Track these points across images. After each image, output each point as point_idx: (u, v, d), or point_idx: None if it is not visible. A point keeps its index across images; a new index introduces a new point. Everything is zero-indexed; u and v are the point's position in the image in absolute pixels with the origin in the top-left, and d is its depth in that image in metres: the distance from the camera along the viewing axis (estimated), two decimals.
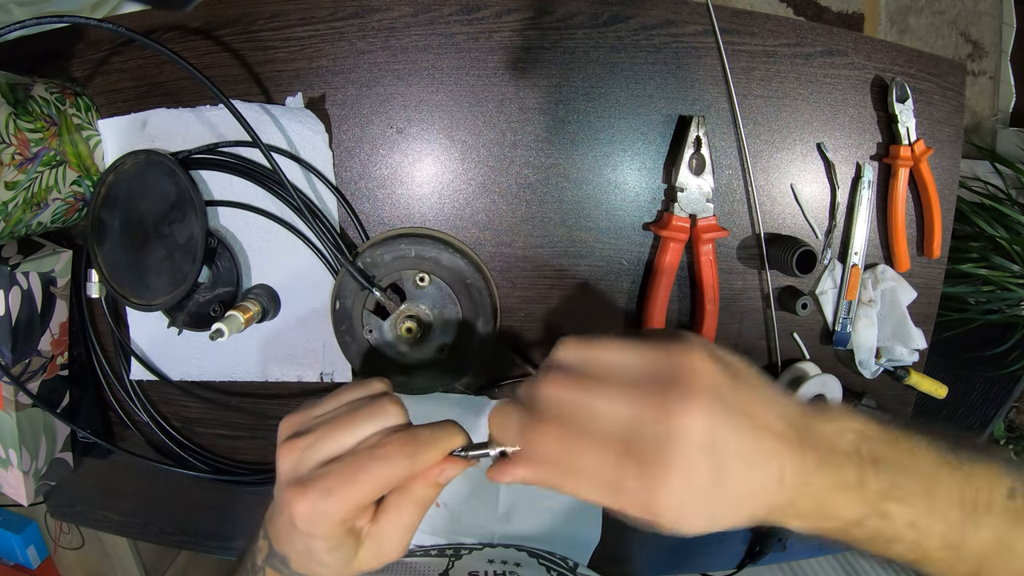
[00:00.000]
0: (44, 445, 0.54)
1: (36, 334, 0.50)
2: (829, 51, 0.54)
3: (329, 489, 0.28)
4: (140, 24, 0.49)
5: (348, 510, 0.29)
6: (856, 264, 0.57)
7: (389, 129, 0.50)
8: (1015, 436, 1.19)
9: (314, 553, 0.31)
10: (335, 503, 0.28)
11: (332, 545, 0.30)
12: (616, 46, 0.51)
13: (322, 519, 0.29)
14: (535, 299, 0.54)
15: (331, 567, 0.31)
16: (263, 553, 0.34)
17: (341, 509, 0.28)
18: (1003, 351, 1.10)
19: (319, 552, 0.30)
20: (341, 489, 0.28)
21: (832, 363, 0.61)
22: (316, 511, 0.28)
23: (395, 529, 0.31)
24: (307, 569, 0.32)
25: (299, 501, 0.29)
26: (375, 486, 0.29)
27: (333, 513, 0.29)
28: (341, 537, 0.30)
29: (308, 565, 0.32)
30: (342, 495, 0.28)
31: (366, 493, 0.29)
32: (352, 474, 0.29)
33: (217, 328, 0.45)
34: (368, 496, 0.29)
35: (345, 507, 0.28)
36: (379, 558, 0.32)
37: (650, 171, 0.53)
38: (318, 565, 0.31)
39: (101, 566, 1.18)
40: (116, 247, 0.48)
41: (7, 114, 0.41)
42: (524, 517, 0.58)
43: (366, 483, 0.29)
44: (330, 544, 0.30)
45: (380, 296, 0.48)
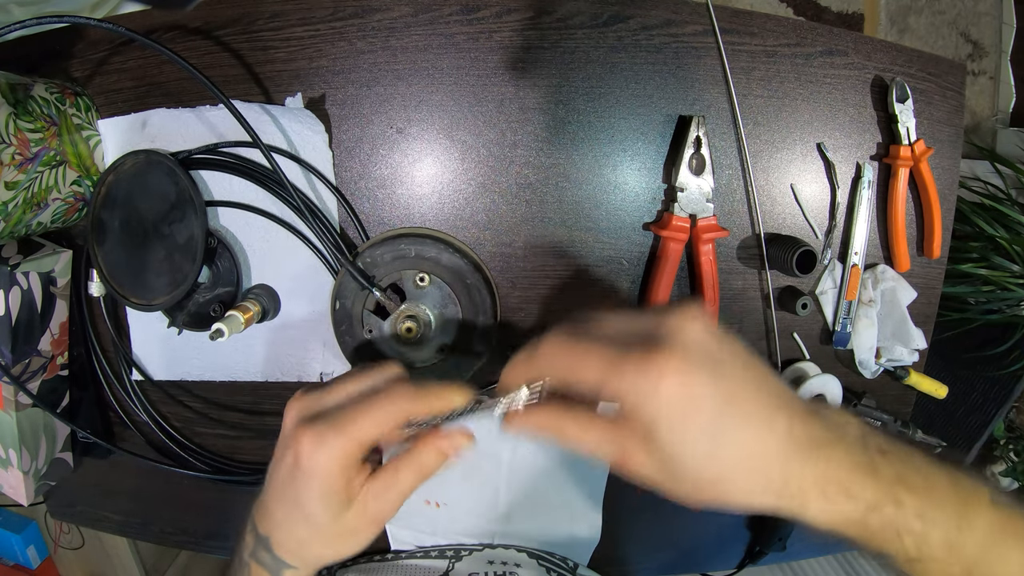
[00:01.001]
0: (44, 445, 0.54)
1: (36, 334, 0.50)
2: (829, 51, 0.54)
3: (336, 422, 0.30)
4: (140, 24, 0.49)
5: (352, 445, 0.30)
6: (856, 264, 0.57)
7: (389, 129, 0.50)
8: (1015, 436, 1.19)
9: (303, 502, 0.31)
10: (341, 436, 0.30)
11: (325, 490, 0.31)
12: (616, 46, 0.51)
13: (326, 451, 0.30)
14: (535, 299, 0.54)
15: (317, 521, 0.32)
16: (248, 548, 0.35)
17: (345, 443, 0.30)
18: (1003, 351, 1.10)
19: (310, 499, 0.31)
20: (347, 423, 0.30)
21: (832, 363, 0.61)
22: (322, 442, 0.30)
23: (389, 491, 0.32)
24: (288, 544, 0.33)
25: (306, 433, 0.30)
26: (381, 422, 0.30)
27: (337, 446, 0.30)
28: (336, 483, 0.31)
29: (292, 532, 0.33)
30: (348, 429, 0.30)
31: (371, 428, 0.30)
32: (358, 411, 0.30)
33: (217, 328, 0.45)
34: (373, 432, 0.30)
35: (349, 441, 0.30)
36: (365, 517, 0.32)
37: (650, 171, 0.53)
38: (303, 521, 0.32)
39: (101, 566, 1.18)
40: (116, 247, 0.48)
41: (7, 114, 0.41)
42: (524, 517, 0.59)
43: (372, 419, 0.30)
44: (324, 488, 0.31)
45: (380, 296, 0.48)
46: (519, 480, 0.58)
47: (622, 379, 0.27)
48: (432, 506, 0.58)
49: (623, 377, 0.27)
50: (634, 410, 0.27)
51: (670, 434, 0.27)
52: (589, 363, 0.28)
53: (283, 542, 0.33)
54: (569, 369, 0.29)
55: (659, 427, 0.27)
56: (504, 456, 0.57)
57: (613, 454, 0.28)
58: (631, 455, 0.28)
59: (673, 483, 0.28)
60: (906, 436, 0.61)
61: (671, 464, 0.27)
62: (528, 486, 0.58)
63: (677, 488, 0.28)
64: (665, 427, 0.27)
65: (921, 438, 0.62)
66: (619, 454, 0.28)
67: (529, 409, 0.31)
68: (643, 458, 0.28)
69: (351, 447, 0.30)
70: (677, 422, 0.26)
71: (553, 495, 0.58)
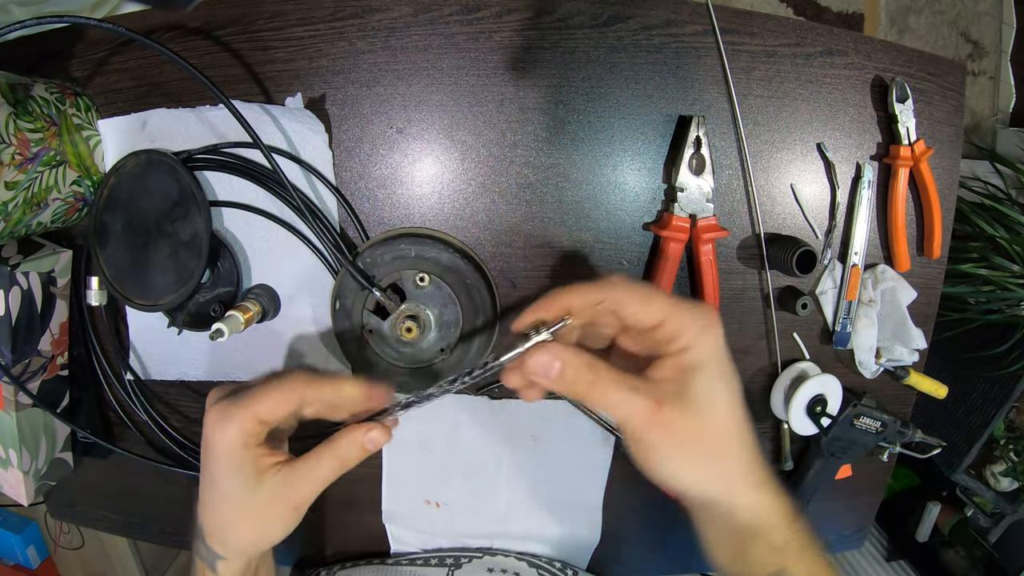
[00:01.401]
0: (44, 445, 0.54)
1: (36, 334, 0.50)
2: (829, 51, 0.54)
3: (237, 399, 0.32)
4: (140, 24, 0.49)
5: (251, 421, 0.32)
6: (856, 264, 0.57)
7: (389, 129, 0.50)
8: (1015, 436, 1.18)
9: (216, 480, 0.33)
10: (240, 409, 0.32)
11: (232, 466, 0.32)
12: (616, 46, 0.51)
13: (228, 426, 0.32)
14: (535, 299, 0.54)
15: (232, 499, 0.33)
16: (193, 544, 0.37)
17: (244, 415, 0.32)
18: (1003, 351, 1.10)
19: (221, 476, 0.33)
20: (246, 400, 0.32)
21: (832, 363, 0.61)
22: (224, 416, 0.32)
23: (307, 477, 0.33)
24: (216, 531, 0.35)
25: (212, 410, 0.33)
26: (278, 399, 0.32)
27: (236, 420, 0.32)
28: (241, 459, 0.32)
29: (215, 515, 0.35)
30: (247, 403, 0.32)
31: (269, 405, 0.32)
32: (257, 389, 0.32)
33: (217, 328, 0.45)
34: (269, 408, 0.32)
35: (248, 414, 0.32)
36: (282, 501, 0.33)
37: (650, 171, 0.53)
38: (221, 501, 0.34)
39: (101, 566, 1.18)
40: (119, 249, 0.48)
41: (7, 114, 0.41)
42: (524, 518, 0.59)
43: (270, 397, 0.32)
44: (230, 464, 0.32)
45: (380, 296, 0.48)
46: (519, 481, 0.58)
47: (690, 316, 0.30)
48: (432, 506, 0.58)
49: (690, 315, 0.30)
50: (689, 347, 0.30)
51: (713, 374, 0.30)
52: (657, 298, 0.30)
53: (211, 530, 0.35)
54: (640, 297, 0.31)
55: (706, 366, 0.30)
56: (504, 456, 0.57)
57: (644, 404, 0.29)
58: (665, 401, 0.29)
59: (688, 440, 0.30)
60: (905, 436, 0.61)
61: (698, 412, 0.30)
62: (528, 487, 0.58)
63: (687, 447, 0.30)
64: (712, 366, 0.30)
65: (921, 438, 0.62)
66: (651, 405, 0.29)
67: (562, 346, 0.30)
68: (675, 405, 0.29)
69: (250, 424, 0.32)
70: (720, 365, 0.30)
71: (553, 496, 0.58)
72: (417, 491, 0.57)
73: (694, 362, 0.30)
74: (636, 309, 0.31)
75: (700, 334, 0.30)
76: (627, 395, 0.29)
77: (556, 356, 0.30)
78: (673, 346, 0.30)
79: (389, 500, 0.57)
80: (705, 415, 0.30)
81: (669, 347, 0.31)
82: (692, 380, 0.30)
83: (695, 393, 0.30)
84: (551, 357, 0.30)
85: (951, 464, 1.21)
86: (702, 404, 0.30)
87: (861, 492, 0.68)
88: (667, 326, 0.30)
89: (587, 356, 0.30)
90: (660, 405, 0.29)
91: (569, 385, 0.30)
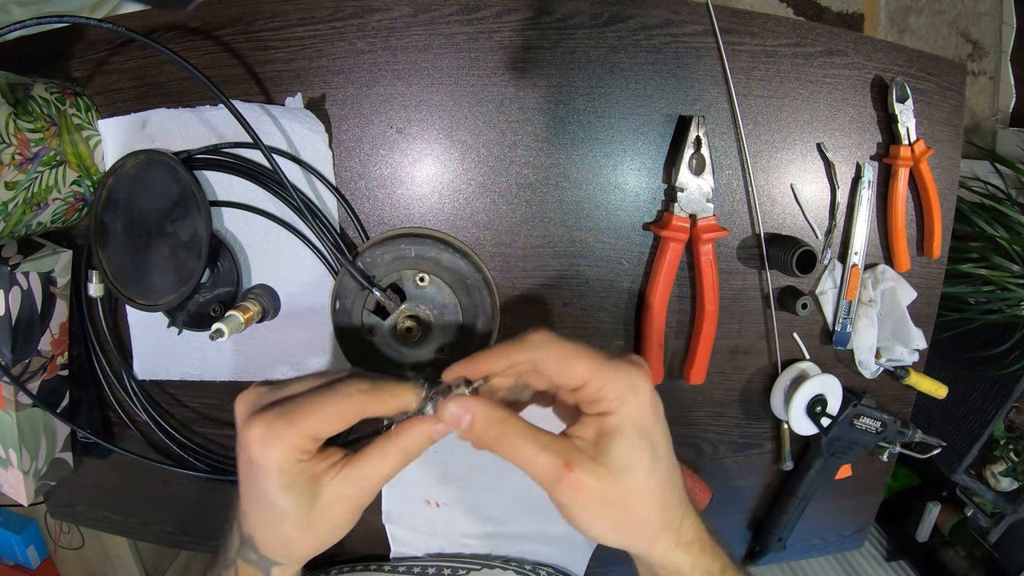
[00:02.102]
0: (44, 445, 0.54)
1: (36, 334, 0.50)
2: (829, 51, 0.54)
3: (284, 413, 0.29)
4: (140, 24, 0.49)
5: (301, 436, 0.29)
6: (856, 264, 0.57)
7: (389, 129, 0.50)
8: (1015, 436, 1.18)
9: (272, 500, 0.30)
10: (289, 427, 0.29)
11: (286, 482, 0.30)
12: (616, 46, 0.51)
13: (276, 442, 0.29)
14: (535, 299, 0.54)
15: (294, 517, 0.31)
16: (234, 546, 0.35)
17: (294, 433, 0.29)
18: (1003, 351, 1.10)
19: (277, 496, 0.30)
20: (296, 415, 0.29)
21: (832, 363, 0.61)
22: (270, 433, 0.29)
23: (372, 475, 0.31)
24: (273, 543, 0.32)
25: (254, 425, 0.29)
26: (330, 416, 0.29)
27: (286, 436, 0.29)
28: (295, 474, 0.30)
29: (275, 531, 0.32)
30: (297, 420, 0.29)
31: (320, 422, 0.29)
32: (309, 403, 0.29)
33: (217, 328, 0.45)
34: (322, 426, 0.29)
35: (298, 432, 0.29)
36: (343, 501, 0.31)
37: (650, 171, 0.53)
38: (281, 519, 0.31)
39: (101, 566, 1.18)
40: (120, 249, 0.48)
41: (7, 114, 0.41)
42: (524, 518, 0.58)
43: (322, 412, 0.29)
44: (283, 480, 0.30)
45: (380, 296, 0.48)
46: (520, 481, 0.58)
47: (613, 379, 0.29)
48: (432, 506, 0.58)
49: (614, 378, 0.30)
50: (609, 412, 0.30)
51: (632, 440, 0.29)
52: (579, 359, 0.30)
53: (267, 542, 0.33)
54: (560, 359, 0.30)
55: (624, 432, 0.29)
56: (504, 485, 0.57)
57: (553, 464, 0.29)
58: (576, 463, 0.29)
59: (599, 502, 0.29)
60: (905, 436, 0.61)
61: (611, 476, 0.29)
62: (528, 487, 0.58)
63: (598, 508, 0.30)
64: (631, 432, 0.29)
65: (921, 438, 0.62)
66: (561, 463, 0.29)
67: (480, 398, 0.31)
68: (586, 468, 0.29)
69: (301, 441, 0.29)
70: (640, 431, 0.30)
71: None
72: (417, 491, 0.57)
73: (614, 427, 0.30)
74: (557, 371, 0.30)
75: (621, 399, 0.30)
76: (536, 452, 0.29)
77: (467, 409, 0.30)
78: (594, 408, 0.30)
79: (389, 500, 0.57)
80: (618, 480, 0.29)
81: (591, 408, 0.31)
82: (610, 444, 0.29)
83: (611, 457, 0.29)
84: (462, 410, 0.30)
85: (951, 464, 1.21)
86: (616, 469, 0.29)
87: (861, 492, 0.68)
88: (589, 388, 0.30)
89: (499, 412, 0.30)
90: (569, 466, 0.29)
91: (478, 438, 0.30)
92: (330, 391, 0.30)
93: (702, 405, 0.60)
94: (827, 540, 0.70)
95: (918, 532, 1.30)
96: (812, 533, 0.69)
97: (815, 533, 0.69)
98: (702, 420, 0.60)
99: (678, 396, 0.59)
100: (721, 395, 0.60)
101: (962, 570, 1.26)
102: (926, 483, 1.38)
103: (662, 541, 0.32)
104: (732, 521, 0.66)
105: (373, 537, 0.59)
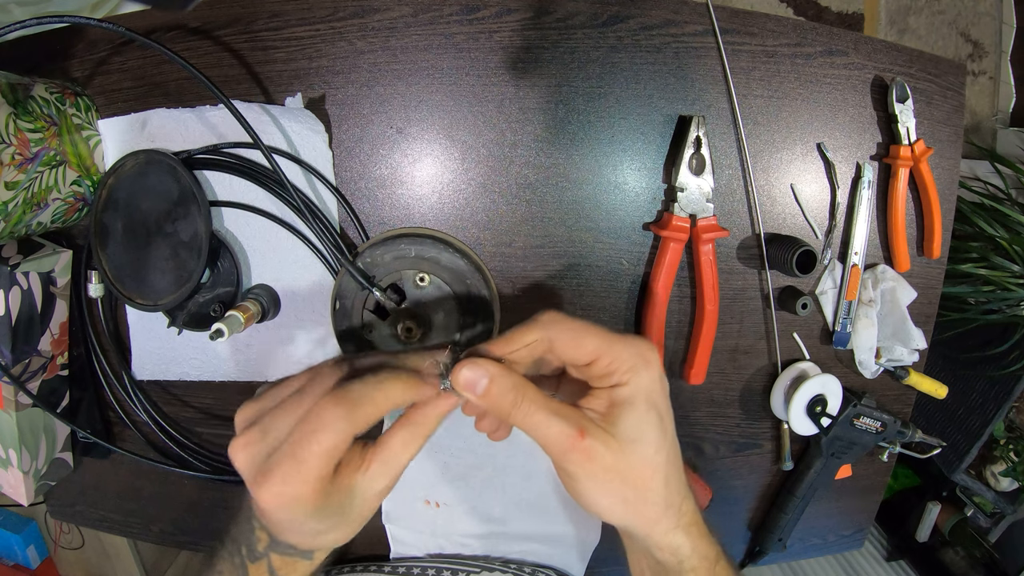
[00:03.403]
0: (44, 445, 0.54)
1: (36, 334, 0.50)
2: (829, 51, 0.54)
3: (283, 476, 0.28)
4: (140, 24, 0.49)
5: (311, 485, 0.28)
6: (856, 264, 0.57)
7: (389, 129, 0.50)
8: (1015, 436, 1.18)
9: (307, 526, 0.30)
10: (296, 486, 0.28)
11: (315, 512, 0.29)
12: (616, 46, 0.51)
13: (292, 503, 0.29)
14: (535, 299, 0.54)
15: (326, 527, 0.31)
16: (263, 543, 0.34)
17: (304, 489, 0.28)
18: (1003, 351, 1.10)
19: (310, 524, 0.30)
20: (294, 472, 0.28)
21: (832, 363, 0.61)
22: (283, 501, 0.28)
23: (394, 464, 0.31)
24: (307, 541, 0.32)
25: (263, 495, 0.29)
26: (323, 457, 0.28)
27: (298, 494, 0.28)
28: (320, 503, 0.29)
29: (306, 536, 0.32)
30: (297, 477, 0.28)
31: (318, 466, 0.28)
32: (296, 454, 0.28)
33: (217, 328, 0.45)
34: (322, 466, 0.28)
35: (307, 485, 0.28)
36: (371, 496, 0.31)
37: (650, 171, 0.53)
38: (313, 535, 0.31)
39: (101, 566, 1.18)
40: (120, 250, 0.48)
41: (7, 114, 0.41)
42: (524, 518, 0.59)
43: (313, 458, 0.28)
44: (314, 513, 0.29)
45: (380, 296, 0.48)
46: (519, 480, 0.58)
47: (624, 353, 0.30)
48: (432, 506, 0.58)
49: (625, 351, 0.30)
50: (620, 384, 0.30)
51: (641, 412, 0.30)
52: (590, 334, 0.30)
53: (300, 543, 0.33)
54: (572, 336, 0.30)
55: (635, 403, 0.30)
56: (504, 456, 0.57)
57: (567, 431, 0.29)
58: (589, 431, 0.29)
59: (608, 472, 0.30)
60: (905, 436, 0.61)
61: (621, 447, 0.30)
62: (528, 486, 0.58)
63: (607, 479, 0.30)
64: (642, 403, 0.30)
65: (921, 438, 0.62)
66: (573, 432, 0.29)
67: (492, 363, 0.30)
68: (599, 436, 0.29)
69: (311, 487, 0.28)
70: (650, 403, 0.30)
71: (553, 495, 0.58)
72: (417, 491, 0.57)
73: (624, 398, 0.30)
74: (570, 348, 0.31)
75: (633, 371, 0.30)
76: (550, 419, 0.29)
77: (484, 372, 0.29)
78: (606, 382, 0.31)
79: (389, 500, 0.57)
80: (627, 452, 0.30)
81: (602, 382, 0.31)
82: (620, 415, 0.30)
83: (621, 428, 0.30)
84: (479, 373, 0.29)
85: (951, 464, 1.21)
86: (626, 440, 0.30)
87: (861, 492, 0.68)
88: (600, 363, 0.30)
89: (515, 377, 0.30)
90: (583, 434, 0.29)
91: (494, 402, 0.29)
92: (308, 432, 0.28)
93: (702, 405, 0.60)
94: (827, 540, 0.70)
95: (918, 532, 1.30)
96: (812, 533, 0.69)
97: (815, 533, 0.69)
98: (702, 420, 0.60)
99: (678, 396, 0.59)
100: (721, 395, 0.60)
101: (962, 570, 1.26)
102: (926, 483, 1.38)
103: (664, 520, 0.32)
104: (732, 521, 0.66)
105: (373, 537, 0.59)
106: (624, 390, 0.30)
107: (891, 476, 0.70)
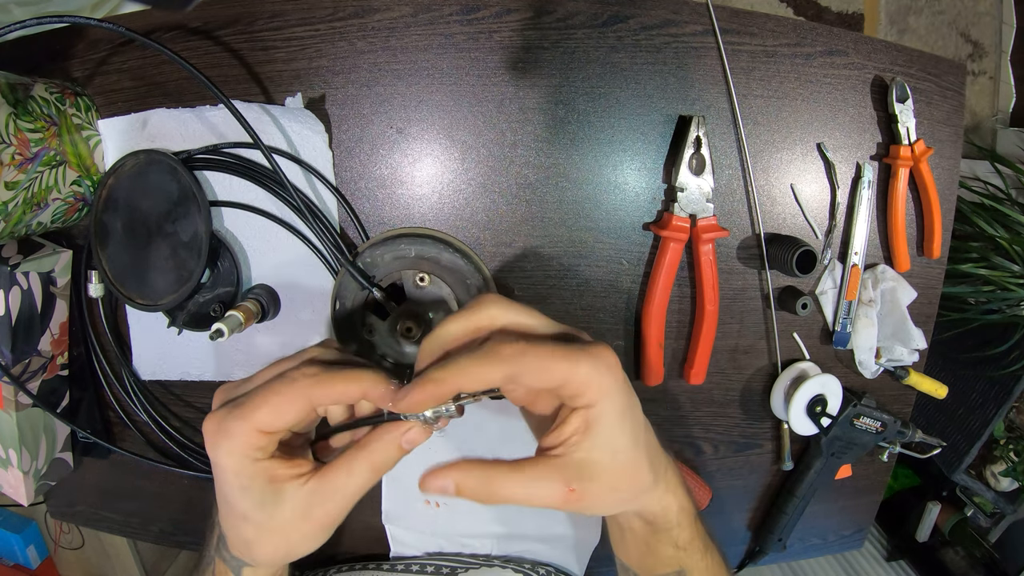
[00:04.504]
0: (44, 445, 0.54)
1: (36, 334, 0.50)
2: (829, 51, 0.54)
3: (235, 407, 0.29)
4: (140, 24, 0.49)
5: (250, 431, 0.28)
6: (856, 264, 0.57)
7: (389, 129, 0.50)
8: (1015, 436, 1.18)
9: (230, 500, 0.30)
10: (238, 421, 0.28)
11: (241, 483, 0.29)
12: (616, 46, 0.51)
13: (226, 439, 0.28)
14: (535, 299, 0.54)
15: (253, 519, 0.30)
16: (213, 543, 0.35)
17: (244, 428, 0.28)
18: (1003, 351, 1.10)
19: (233, 496, 0.29)
20: (244, 408, 0.28)
21: (832, 363, 0.61)
22: (221, 428, 0.28)
23: (340, 491, 0.30)
24: (237, 544, 0.32)
25: (209, 420, 0.29)
26: (276, 406, 0.28)
27: (236, 431, 0.28)
28: (250, 475, 0.29)
29: (237, 532, 0.31)
30: (244, 413, 0.28)
31: (267, 413, 0.28)
32: (256, 395, 0.29)
33: (217, 328, 0.45)
34: (269, 417, 0.28)
35: (247, 426, 0.28)
36: (307, 518, 0.30)
37: (650, 171, 0.53)
38: (242, 520, 0.30)
39: (101, 566, 1.18)
40: (120, 250, 0.48)
41: (7, 114, 0.41)
42: (524, 518, 0.58)
43: (267, 403, 0.28)
44: (238, 481, 0.29)
45: (380, 296, 0.48)
46: None
47: (590, 369, 0.28)
48: (432, 506, 0.58)
49: (590, 366, 0.28)
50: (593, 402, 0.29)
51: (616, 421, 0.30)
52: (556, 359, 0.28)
53: (233, 542, 0.32)
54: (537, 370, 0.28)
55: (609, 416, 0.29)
56: (504, 456, 0.57)
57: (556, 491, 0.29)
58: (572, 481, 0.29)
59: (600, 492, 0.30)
60: (905, 436, 0.61)
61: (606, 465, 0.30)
62: None
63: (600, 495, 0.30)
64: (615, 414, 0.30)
65: (921, 438, 0.62)
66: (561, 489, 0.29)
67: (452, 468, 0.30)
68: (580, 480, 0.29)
69: (251, 437, 0.28)
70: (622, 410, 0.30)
71: None
72: (417, 491, 0.57)
73: (598, 415, 0.30)
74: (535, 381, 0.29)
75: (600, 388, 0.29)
76: (531, 488, 0.29)
77: (447, 478, 0.29)
78: (577, 402, 0.30)
79: (389, 500, 0.57)
80: (614, 464, 0.30)
81: (572, 402, 0.30)
82: (599, 432, 0.30)
83: (602, 442, 0.30)
84: (442, 481, 0.29)
85: (951, 464, 1.21)
86: (609, 452, 0.30)
87: (861, 492, 0.68)
88: (568, 387, 0.29)
89: (478, 468, 0.29)
90: (569, 487, 0.29)
91: (472, 496, 0.29)
92: (279, 379, 0.29)
93: (702, 405, 0.60)
94: (827, 540, 0.70)
95: (918, 532, 1.30)
96: (812, 533, 0.69)
97: (815, 533, 0.69)
98: (702, 420, 0.60)
99: (678, 396, 0.59)
100: (721, 395, 0.60)
101: (962, 570, 1.26)
102: (926, 483, 1.38)
103: (655, 491, 0.34)
104: (732, 521, 0.66)
105: (373, 537, 0.59)
106: (596, 409, 0.30)
107: (891, 476, 0.70)
